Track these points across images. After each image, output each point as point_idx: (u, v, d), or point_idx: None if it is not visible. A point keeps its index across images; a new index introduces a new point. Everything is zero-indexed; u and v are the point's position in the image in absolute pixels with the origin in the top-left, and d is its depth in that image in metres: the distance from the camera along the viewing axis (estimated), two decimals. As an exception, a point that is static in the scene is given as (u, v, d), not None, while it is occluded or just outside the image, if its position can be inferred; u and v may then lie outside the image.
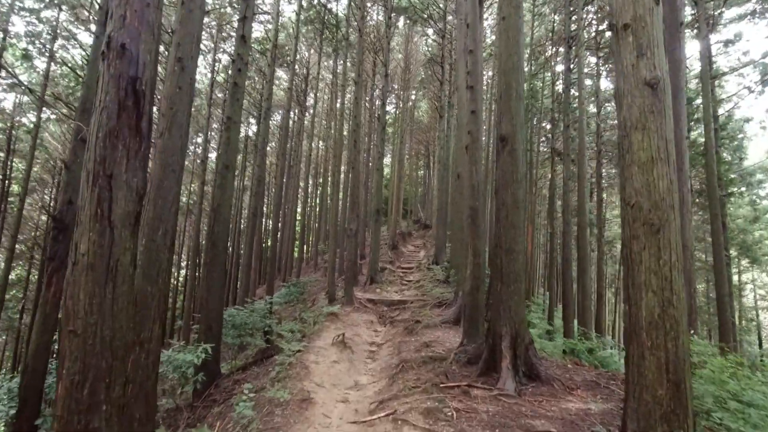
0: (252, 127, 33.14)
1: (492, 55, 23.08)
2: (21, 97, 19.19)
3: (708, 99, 12.25)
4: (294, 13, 18.26)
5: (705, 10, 13.19)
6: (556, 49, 21.94)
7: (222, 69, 24.33)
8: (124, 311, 2.47)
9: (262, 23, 24.33)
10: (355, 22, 14.94)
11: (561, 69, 22.87)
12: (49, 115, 21.27)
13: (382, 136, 17.51)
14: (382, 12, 21.46)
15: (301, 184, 29.75)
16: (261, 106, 20.14)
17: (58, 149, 22.98)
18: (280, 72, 29.00)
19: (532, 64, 21.84)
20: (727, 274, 12.12)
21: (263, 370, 7.99)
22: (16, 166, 20.90)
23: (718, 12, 15.62)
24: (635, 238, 2.65)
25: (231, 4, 19.28)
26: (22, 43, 15.71)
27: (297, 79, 25.76)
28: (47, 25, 15.48)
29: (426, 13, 21.54)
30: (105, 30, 2.75)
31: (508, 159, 5.68)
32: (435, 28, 21.84)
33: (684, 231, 4.29)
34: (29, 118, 19.40)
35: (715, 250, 11.08)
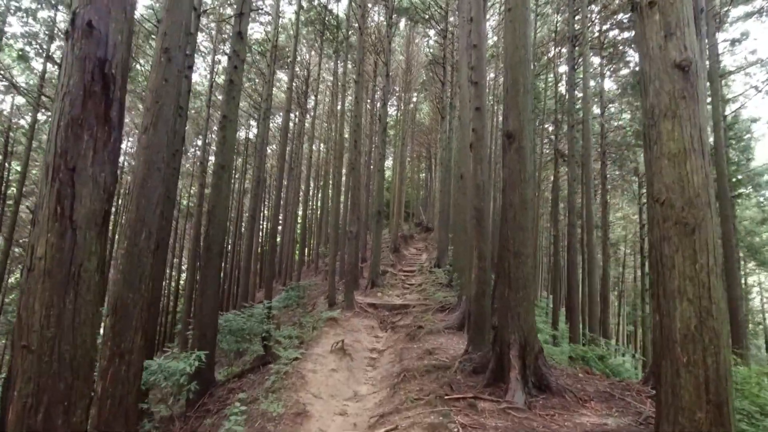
0: (253, 130, 32.98)
1: (494, 56, 22.84)
2: (18, 99, 19.02)
3: (717, 98, 11.96)
4: (294, 14, 18.05)
5: (712, 7, 12.91)
6: (558, 49, 21.69)
7: (222, 71, 24.13)
8: (87, 324, 2.18)
9: (263, 24, 24.18)
10: (356, 22, 14.70)
11: (563, 70, 22.64)
12: (48, 117, 21.09)
13: (383, 137, 17.26)
14: (383, 12, 21.26)
15: (302, 187, 29.49)
16: (261, 107, 19.91)
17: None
18: (281, 74, 28.82)
19: (534, 65, 21.57)
20: (738, 276, 11.80)
21: (259, 378, 7.68)
22: (14, 168, 20.70)
23: (724, 10, 15.33)
24: (666, 240, 2.35)
25: (229, 4, 19.10)
26: (19, 44, 15.53)
27: (297, 81, 25.56)
28: (44, 25, 15.29)
29: (427, 13, 21.33)
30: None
31: (516, 157, 5.39)
32: (436, 29, 21.62)
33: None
34: (27, 120, 19.20)
35: (727, 252, 10.75)
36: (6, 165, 18.12)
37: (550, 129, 23.38)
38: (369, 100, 29.10)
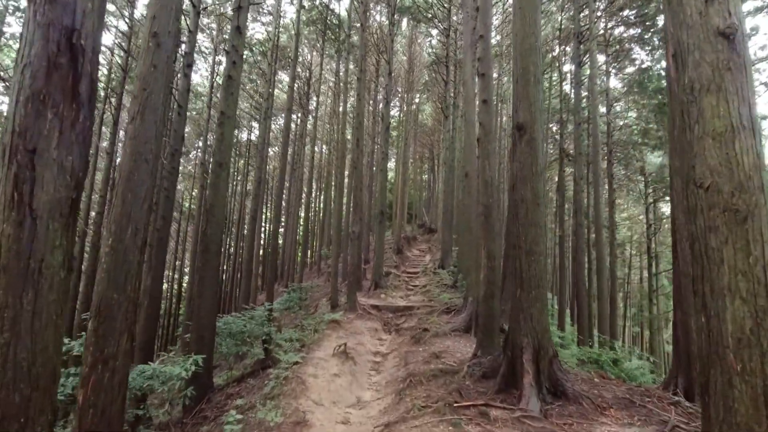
0: (255, 131, 32.82)
1: (497, 55, 22.55)
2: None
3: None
4: (295, 13, 17.84)
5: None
6: (563, 47, 21.39)
7: (223, 72, 23.96)
8: (50, 327, 1.90)
9: (264, 24, 24.02)
10: (358, 19, 14.47)
11: (568, 69, 22.34)
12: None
13: (386, 137, 17.00)
14: (386, 12, 21.05)
15: (304, 189, 29.25)
16: (262, 107, 19.70)
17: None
18: (282, 75, 28.64)
19: (539, 63, 21.27)
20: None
21: (259, 383, 7.40)
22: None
23: (734, 4, 14.97)
24: (713, 231, 2.06)
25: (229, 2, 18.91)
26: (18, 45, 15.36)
27: (299, 82, 25.37)
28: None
29: (430, 12, 21.08)
30: None
31: (527, 149, 5.10)
32: (439, 28, 21.38)
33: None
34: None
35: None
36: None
37: (555, 128, 23.07)
38: (371, 101, 28.89)
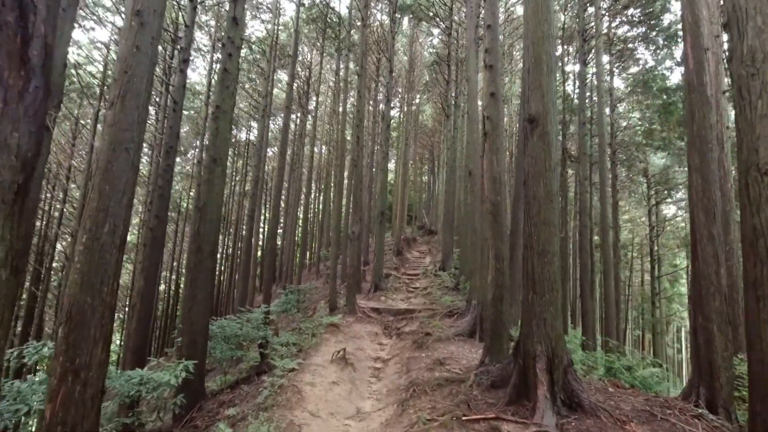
0: (254, 131, 32.53)
1: (502, 54, 22.25)
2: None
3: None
4: (295, 11, 17.55)
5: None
6: (566, 47, 21.13)
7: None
8: (-15, 339, 1.56)
9: (264, 22, 23.74)
10: (359, 15, 14.17)
11: (570, 69, 22.06)
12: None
13: (386, 135, 16.70)
14: (387, 9, 20.78)
15: (303, 189, 28.93)
16: (261, 105, 19.38)
17: (55, 152, 22.23)
18: (282, 75, 28.33)
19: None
20: None
21: (253, 390, 7.06)
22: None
23: None
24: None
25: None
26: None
27: (299, 81, 25.08)
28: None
29: (431, 11, 20.79)
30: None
31: (539, 143, 4.78)
32: (441, 27, 21.11)
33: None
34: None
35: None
36: None
37: (557, 128, 22.79)
38: (371, 101, 28.59)
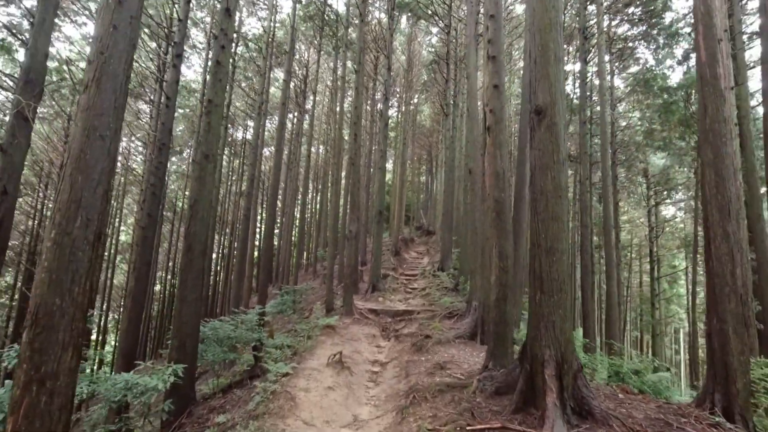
0: (251, 130, 32.19)
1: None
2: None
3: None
4: (291, 8, 17.28)
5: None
6: (566, 46, 20.96)
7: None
8: None
9: (261, 20, 23.45)
10: (358, 12, 13.91)
11: (570, 68, 21.88)
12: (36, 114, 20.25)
13: (385, 134, 16.45)
14: (385, 7, 20.54)
15: (300, 189, 28.64)
16: (257, 102, 19.09)
17: (47, 149, 21.87)
18: (279, 73, 28.05)
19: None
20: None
21: (246, 395, 6.77)
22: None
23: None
24: None
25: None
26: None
27: (296, 80, 24.78)
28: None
29: (430, 9, 20.56)
30: None
31: (547, 135, 4.52)
32: (439, 25, 20.88)
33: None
34: None
35: None
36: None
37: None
38: (369, 101, 28.34)
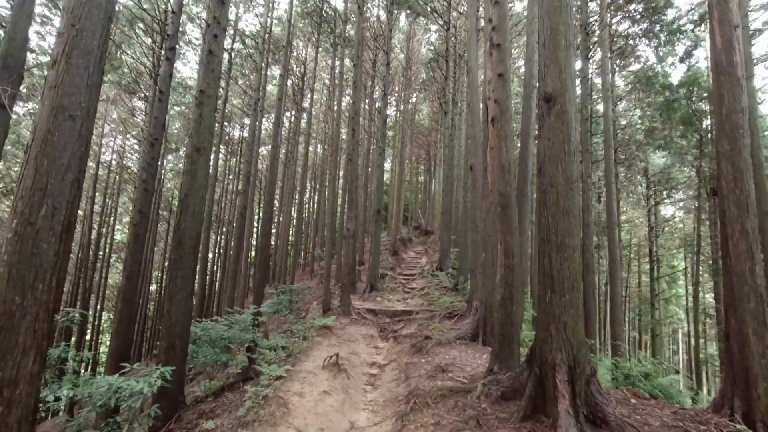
0: (248, 128, 31.85)
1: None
2: None
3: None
4: (288, 3, 16.97)
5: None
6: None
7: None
8: None
9: (258, 16, 23.16)
10: (356, 9, 13.62)
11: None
12: (29, 109, 19.94)
13: (383, 131, 16.16)
14: (384, 1, 20.25)
15: (297, 188, 28.31)
16: (253, 98, 18.77)
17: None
18: (276, 71, 27.73)
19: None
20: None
21: (238, 399, 6.46)
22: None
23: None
24: None
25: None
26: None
27: (294, 78, 24.47)
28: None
29: (429, 5, 20.30)
30: None
31: (557, 124, 4.24)
32: (438, 23, 20.63)
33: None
34: None
35: None
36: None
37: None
38: (367, 99, 28.06)
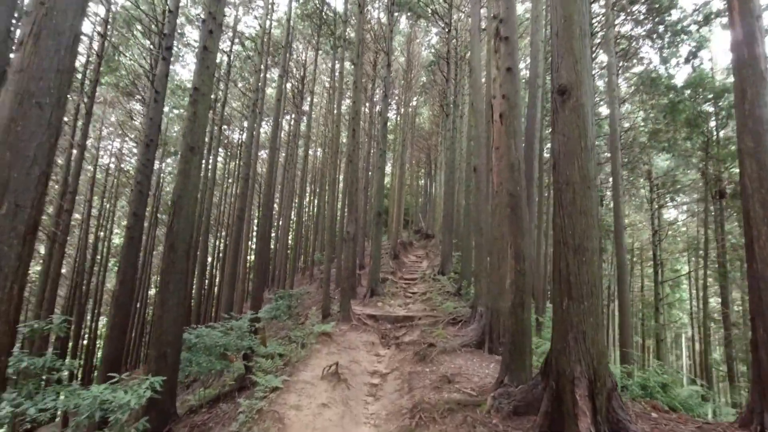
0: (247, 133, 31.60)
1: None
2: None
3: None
4: (287, 3, 16.78)
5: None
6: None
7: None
8: None
9: (257, 18, 22.99)
10: (355, 14, 13.41)
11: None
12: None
13: (384, 133, 15.90)
14: (384, 7, 20.09)
15: (296, 191, 28.03)
16: (252, 99, 18.52)
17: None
18: (275, 74, 27.53)
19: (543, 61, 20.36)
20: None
21: (232, 410, 6.13)
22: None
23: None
24: None
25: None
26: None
27: (293, 81, 24.25)
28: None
29: (430, 7, 20.11)
30: None
31: (572, 118, 3.96)
32: (439, 26, 20.44)
33: None
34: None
35: None
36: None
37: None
38: (368, 103, 27.83)
